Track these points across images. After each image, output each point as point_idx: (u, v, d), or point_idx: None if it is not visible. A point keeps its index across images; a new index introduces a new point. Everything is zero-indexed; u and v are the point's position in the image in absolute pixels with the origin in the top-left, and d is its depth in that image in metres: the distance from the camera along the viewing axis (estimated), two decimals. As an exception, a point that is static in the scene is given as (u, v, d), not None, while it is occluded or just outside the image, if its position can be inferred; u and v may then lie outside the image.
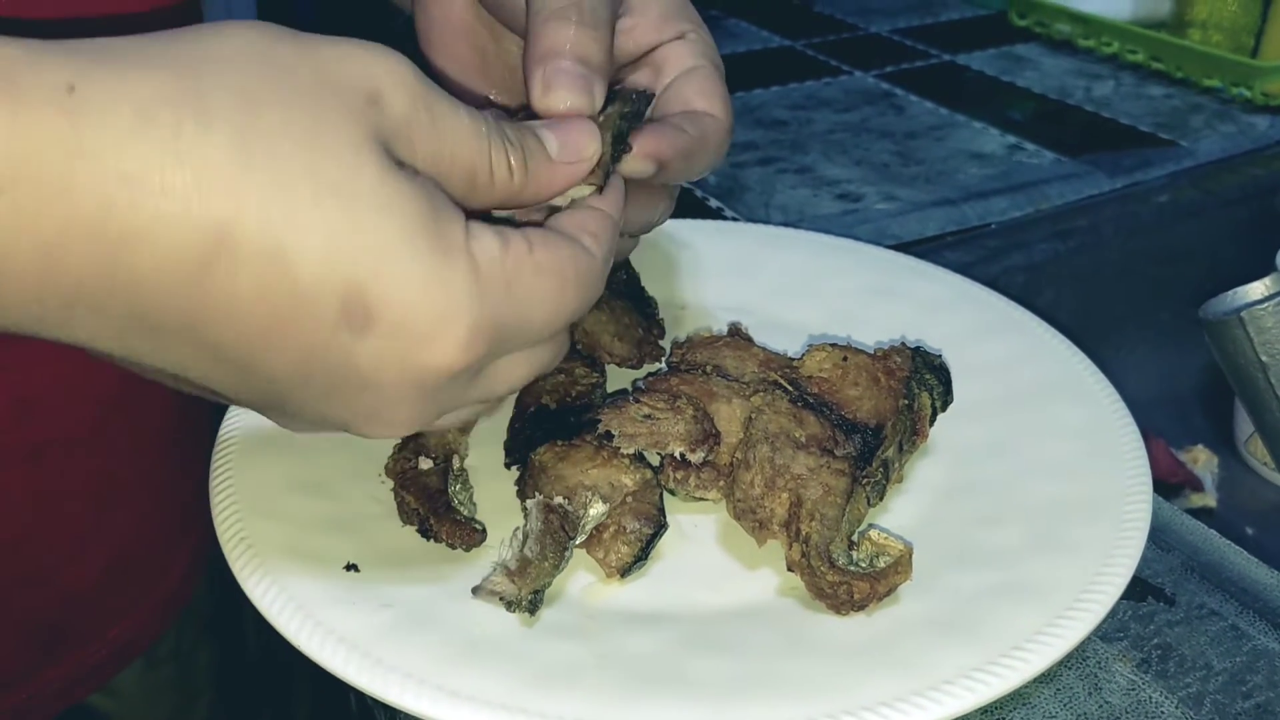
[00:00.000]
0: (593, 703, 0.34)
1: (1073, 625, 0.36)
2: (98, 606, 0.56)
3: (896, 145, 0.83)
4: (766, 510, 0.40)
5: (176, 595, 0.60)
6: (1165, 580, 0.43)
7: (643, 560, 0.40)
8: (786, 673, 0.36)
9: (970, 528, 0.42)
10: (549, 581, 0.38)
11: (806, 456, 0.40)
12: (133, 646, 0.58)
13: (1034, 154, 0.81)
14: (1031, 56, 1.02)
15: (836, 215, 0.71)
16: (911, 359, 0.44)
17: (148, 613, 0.58)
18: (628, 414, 0.42)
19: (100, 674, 0.58)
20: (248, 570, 0.38)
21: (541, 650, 0.36)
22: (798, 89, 0.94)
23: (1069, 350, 0.51)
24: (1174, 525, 0.46)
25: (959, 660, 0.35)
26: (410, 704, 0.34)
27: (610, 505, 0.40)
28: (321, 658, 0.35)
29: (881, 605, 0.38)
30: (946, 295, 0.56)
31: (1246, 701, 0.38)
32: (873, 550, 0.39)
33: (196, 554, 0.61)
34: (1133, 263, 0.76)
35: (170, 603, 0.60)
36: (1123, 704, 0.38)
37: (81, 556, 0.54)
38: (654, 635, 0.37)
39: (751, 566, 0.41)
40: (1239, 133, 0.85)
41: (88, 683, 0.57)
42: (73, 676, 0.56)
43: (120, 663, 0.58)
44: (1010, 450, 0.46)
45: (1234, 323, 0.52)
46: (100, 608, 0.56)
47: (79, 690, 0.57)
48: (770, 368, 0.46)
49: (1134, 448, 0.44)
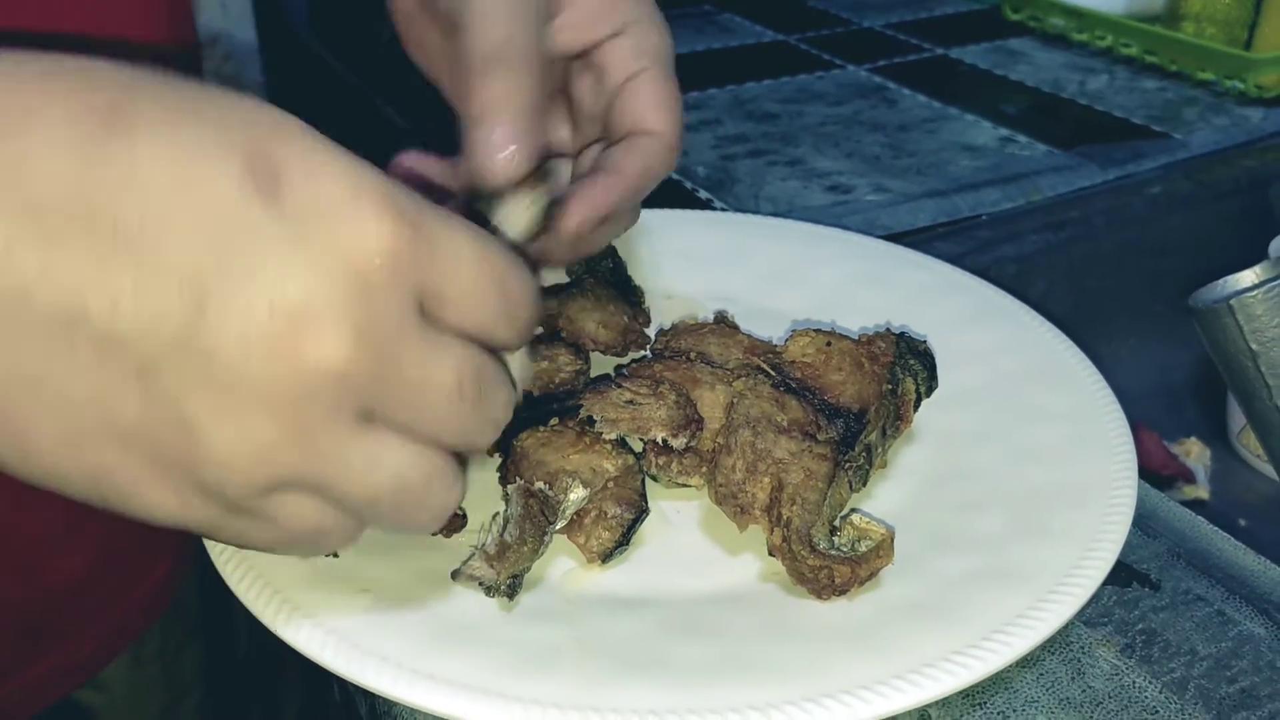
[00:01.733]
0: (573, 687, 0.34)
1: (1055, 609, 0.36)
2: (83, 600, 0.55)
3: (888, 138, 0.83)
4: (748, 495, 0.39)
5: (162, 589, 0.60)
6: (1151, 566, 0.43)
7: (624, 545, 0.40)
8: (768, 657, 0.35)
9: (954, 513, 0.42)
10: (528, 566, 0.37)
11: (788, 441, 0.40)
12: (119, 640, 0.58)
13: (1026, 146, 0.81)
14: (1025, 50, 1.01)
15: (827, 206, 0.71)
16: (896, 344, 0.44)
17: (133, 606, 0.58)
18: (610, 399, 0.42)
19: (87, 668, 0.57)
20: (225, 555, 0.38)
21: (522, 635, 0.36)
22: (789, 82, 0.94)
23: (1055, 337, 0.51)
24: (1160, 512, 0.45)
25: (940, 644, 0.35)
26: (388, 688, 0.34)
27: (591, 490, 0.40)
28: (299, 643, 0.35)
29: (863, 590, 0.38)
30: (933, 283, 0.56)
31: (1231, 686, 0.38)
32: (854, 535, 0.39)
33: (182, 549, 0.61)
34: (1125, 255, 0.76)
35: (156, 597, 0.60)
36: (1106, 689, 0.37)
37: (66, 550, 0.54)
38: (635, 620, 0.37)
39: (733, 552, 0.41)
40: (1232, 125, 0.85)
41: (75, 676, 0.57)
42: (59, 670, 0.56)
43: (106, 656, 0.58)
44: (995, 436, 0.45)
45: (1224, 311, 0.52)
46: (85, 601, 0.55)
47: (66, 684, 0.56)
48: (755, 354, 0.45)
49: (1120, 433, 0.44)
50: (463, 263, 0.28)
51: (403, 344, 0.27)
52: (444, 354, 0.28)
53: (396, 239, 0.27)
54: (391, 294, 0.27)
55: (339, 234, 0.26)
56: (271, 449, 0.27)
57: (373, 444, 0.28)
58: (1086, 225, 0.73)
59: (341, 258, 0.26)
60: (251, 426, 0.26)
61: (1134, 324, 0.79)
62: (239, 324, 0.25)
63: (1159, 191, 0.77)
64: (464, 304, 0.29)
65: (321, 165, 0.27)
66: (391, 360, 0.27)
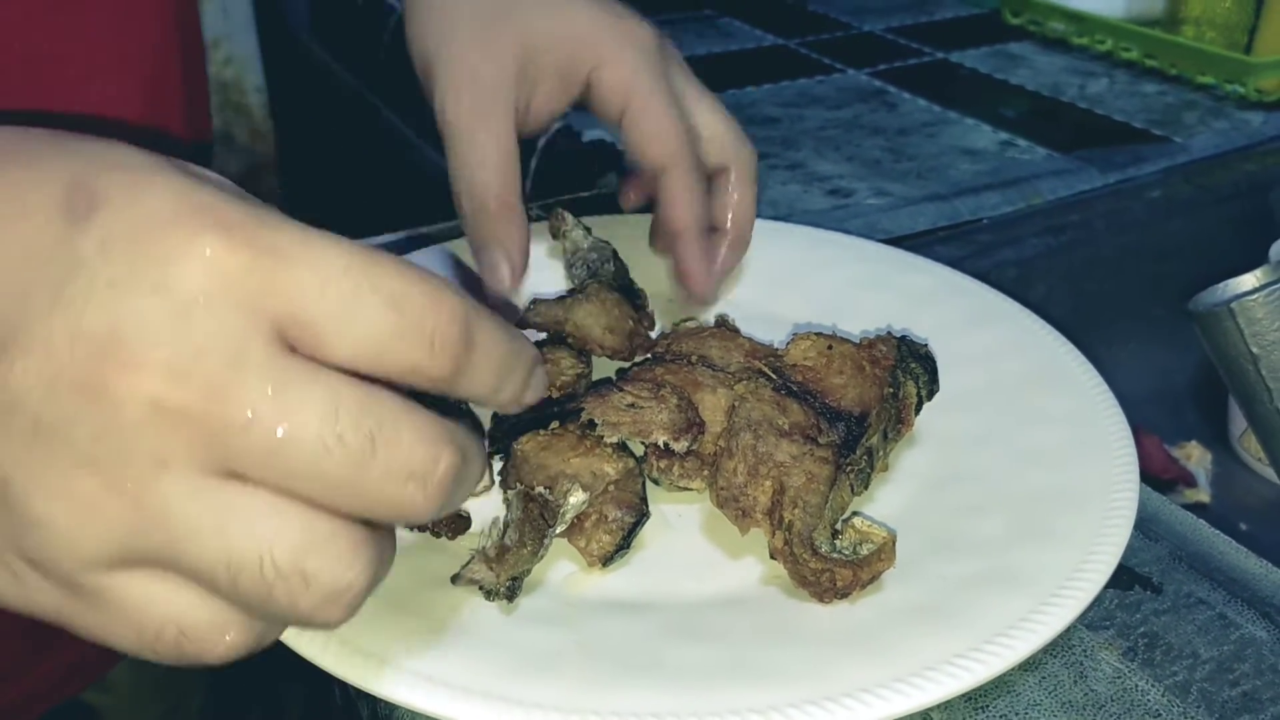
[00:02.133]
0: (574, 690, 0.34)
1: (1056, 612, 0.36)
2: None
3: (888, 142, 0.83)
4: (750, 498, 0.39)
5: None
6: (1152, 569, 0.43)
7: (625, 549, 0.40)
8: (770, 660, 0.35)
9: (955, 516, 0.42)
10: (528, 569, 0.37)
11: (790, 444, 0.40)
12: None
13: (1026, 150, 0.81)
14: (1025, 54, 1.01)
15: (827, 210, 0.71)
16: (897, 348, 0.44)
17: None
18: (611, 403, 0.42)
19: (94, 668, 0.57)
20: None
21: (523, 638, 0.36)
22: (790, 86, 0.94)
23: (1056, 340, 0.51)
24: (1162, 515, 0.45)
25: (942, 647, 0.35)
26: (389, 692, 0.34)
27: (592, 494, 0.40)
28: (300, 646, 0.35)
29: (865, 593, 0.38)
30: (934, 286, 0.56)
31: (1234, 690, 0.38)
32: (856, 538, 0.39)
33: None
34: (1125, 259, 0.76)
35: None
36: (1108, 692, 0.37)
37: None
38: (636, 623, 0.37)
39: (735, 555, 0.41)
40: (1233, 129, 0.85)
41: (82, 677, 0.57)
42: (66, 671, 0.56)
43: (113, 657, 0.58)
44: (996, 439, 0.45)
45: (1224, 314, 0.52)
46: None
47: (73, 684, 0.56)
48: (756, 358, 0.45)
49: (1121, 436, 0.44)
50: (327, 281, 0.24)
51: (243, 378, 0.23)
52: (305, 391, 0.23)
53: (223, 255, 0.23)
54: (221, 319, 0.23)
55: (152, 256, 0.23)
56: (95, 508, 0.23)
57: (228, 502, 0.23)
58: (1087, 229, 0.73)
59: (155, 279, 0.23)
60: (68, 481, 0.23)
61: (1134, 328, 0.79)
62: (39, 363, 0.23)
63: (1159, 195, 0.77)
64: (340, 330, 0.24)
65: (145, 188, 0.24)
66: (230, 400, 0.23)
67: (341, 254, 0.24)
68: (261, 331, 0.23)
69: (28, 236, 0.24)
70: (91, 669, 0.57)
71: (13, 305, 0.23)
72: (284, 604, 0.24)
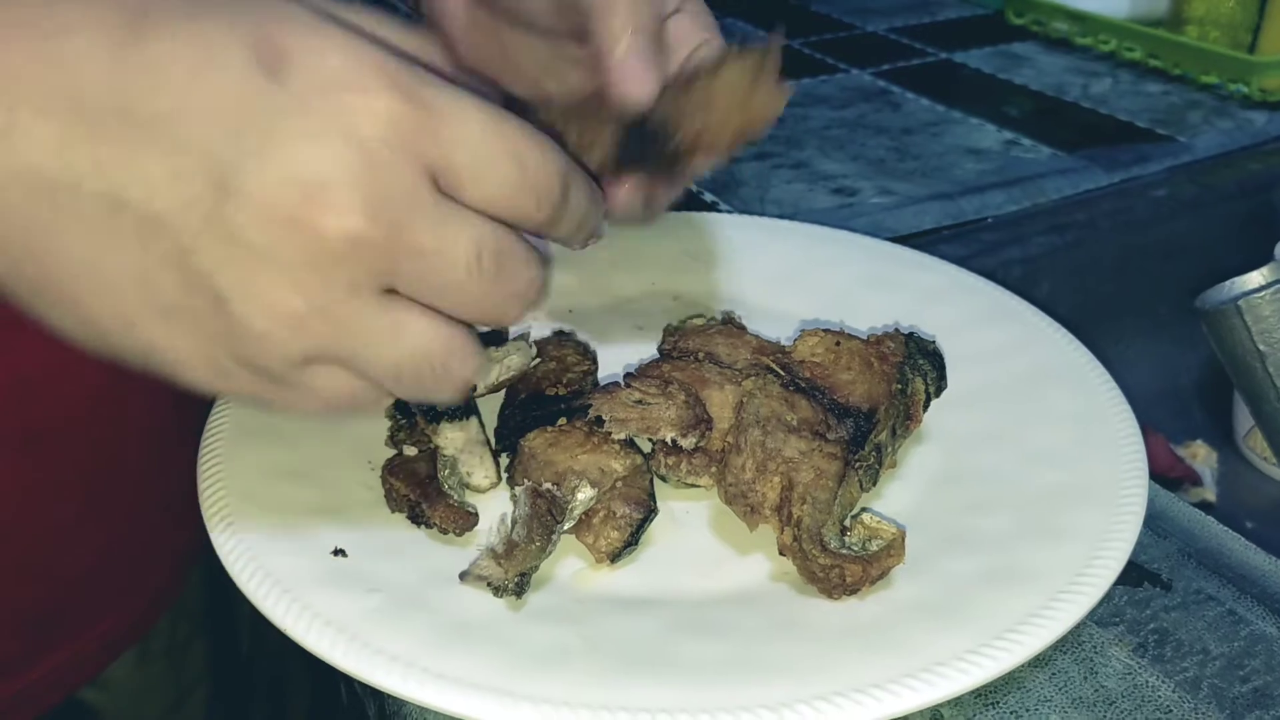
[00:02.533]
0: (582, 686, 0.34)
1: (1066, 609, 0.36)
2: (89, 597, 0.55)
3: (893, 141, 0.83)
4: (758, 494, 0.39)
5: (168, 587, 0.60)
6: (1162, 566, 0.42)
7: (633, 545, 0.40)
8: (778, 656, 0.35)
9: (964, 513, 0.41)
10: (536, 565, 0.37)
11: (798, 440, 0.40)
12: (125, 638, 0.58)
13: (1030, 149, 0.81)
14: (1028, 54, 1.01)
15: (832, 209, 0.71)
16: (905, 344, 0.44)
17: (139, 604, 0.58)
18: (619, 399, 0.42)
19: (92, 665, 0.57)
20: (235, 555, 0.38)
21: (531, 634, 0.36)
22: (794, 86, 0.94)
23: (1064, 337, 0.50)
24: (1170, 512, 0.45)
25: (952, 643, 0.35)
26: (398, 687, 0.33)
27: (599, 490, 0.40)
28: (308, 641, 0.35)
29: (874, 589, 0.38)
30: (940, 284, 0.55)
31: (1244, 685, 0.37)
32: (865, 534, 0.39)
33: (188, 546, 0.61)
34: (1130, 258, 0.76)
35: (162, 594, 0.60)
36: (1119, 688, 0.37)
37: (73, 547, 0.54)
38: (644, 620, 0.37)
39: (743, 551, 0.40)
40: (1236, 128, 0.84)
41: (80, 674, 0.57)
42: (64, 668, 0.55)
43: (111, 654, 0.58)
44: (1005, 436, 0.45)
45: (1231, 312, 0.52)
46: (91, 598, 0.55)
47: (71, 682, 0.56)
48: (763, 354, 0.45)
49: (1129, 433, 0.44)
50: (470, 136, 0.29)
51: (415, 215, 0.28)
52: (459, 227, 0.29)
53: (397, 111, 0.28)
54: (398, 165, 0.28)
55: (342, 107, 0.27)
56: (301, 321, 0.28)
57: (395, 317, 0.30)
58: (1091, 228, 0.73)
59: (347, 130, 0.27)
60: (280, 300, 0.28)
61: (1139, 327, 0.79)
62: (258, 200, 0.27)
63: (1164, 194, 0.77)
64: (478, 177, 0.29)
65: (324, 44, 0.28)
66: (405, 231, 0.28)
67: (481, 113, 0.29)
68: (425, 176, 0.29)
69: (228, 86, 0.27)
70: (89, 667, 0.57)
71: (227, 144, 0.27)
72: (424, 389, 0.32)
